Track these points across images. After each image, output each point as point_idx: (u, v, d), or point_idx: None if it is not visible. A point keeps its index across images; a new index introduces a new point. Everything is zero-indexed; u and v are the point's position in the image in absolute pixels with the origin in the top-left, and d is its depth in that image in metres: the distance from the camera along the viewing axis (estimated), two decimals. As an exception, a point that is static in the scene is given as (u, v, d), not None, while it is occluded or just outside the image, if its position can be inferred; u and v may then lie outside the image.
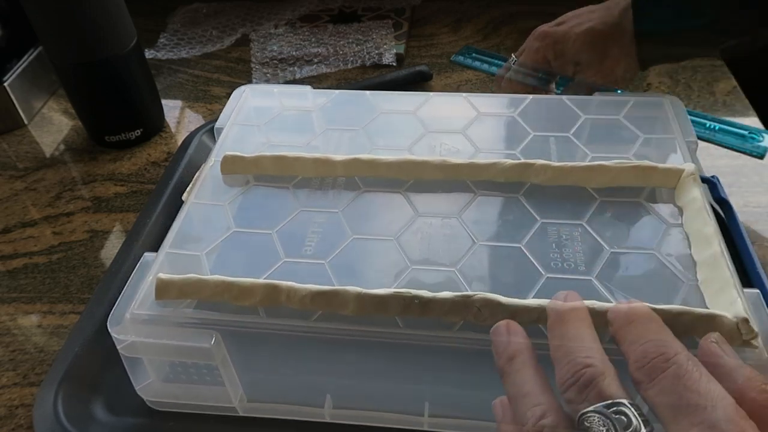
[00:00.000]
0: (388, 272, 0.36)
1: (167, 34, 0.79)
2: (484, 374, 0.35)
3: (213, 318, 0.34)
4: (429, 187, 0.41)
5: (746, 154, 0.56)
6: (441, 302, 0.32)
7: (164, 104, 0.65)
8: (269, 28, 0.79)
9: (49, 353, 0.44)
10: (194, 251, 0.38)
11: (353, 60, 0.72)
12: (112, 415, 0.38)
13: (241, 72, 0.72)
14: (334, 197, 0.41)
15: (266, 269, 0.36)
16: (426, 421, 0.36)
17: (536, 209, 0.39)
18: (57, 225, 0.54)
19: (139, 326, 0.34)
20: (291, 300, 0.33)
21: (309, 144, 0.46)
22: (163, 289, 0.35)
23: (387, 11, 0.81)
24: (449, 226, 0.39)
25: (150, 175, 0.58)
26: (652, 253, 0.36)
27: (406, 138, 0.45)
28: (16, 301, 0.48)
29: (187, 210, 0.41)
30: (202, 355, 0.34)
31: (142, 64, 0.60)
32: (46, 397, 0.39)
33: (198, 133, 0.58)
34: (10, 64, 0.65)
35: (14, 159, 0.62)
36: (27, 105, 0.67)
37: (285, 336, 0.34)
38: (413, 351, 0.33)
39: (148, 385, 0.37)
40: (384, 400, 0.37)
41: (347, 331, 0.33)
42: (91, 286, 0.48)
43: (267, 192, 0.42)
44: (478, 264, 0.36)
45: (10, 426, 0.39)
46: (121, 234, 0.53)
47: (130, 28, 0.58)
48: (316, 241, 0.38)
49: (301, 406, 0.37)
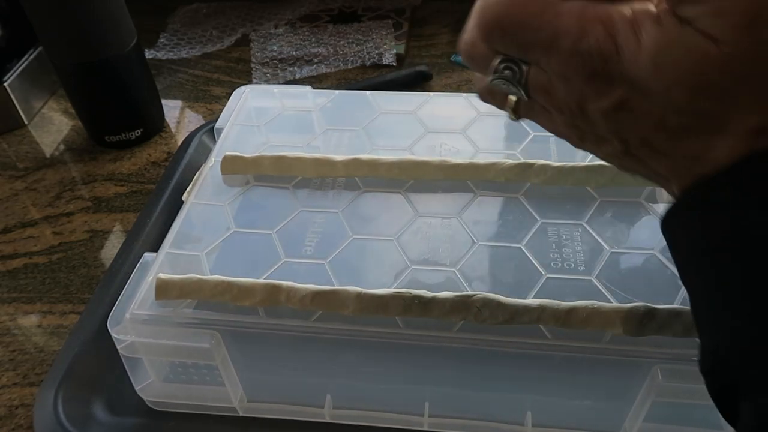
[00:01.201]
0: (388, 272, 0.36)
1: (167, 34, 0.79)
2: (484, 374, 0.35)
3: (213, 318, 0.34)
4: (429, 187, 0.41)
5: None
6: (441, 302, 0.32)
7: (164, 104, 0.65)
8: (269, 28, 0.79)
9: (49, 353, 0.44)
10: (194, 251, 0.38)
11: (353, 60, 0.72)
12: (112, 415, 0.38)
13: (241, 72, 0.72)
14: (334, 197, 0.41)
15: (266, 269, 0.36)
16: (426, 421, 0.36)
17: (536, 209, 0.39)
18: (57, 225, 0.54)
19: (139, 326, 0.34)
20: (291, 300, 0.33)
21: (309, 144, 0.46)
22: (163, 289, 0.35)
23: (387, 11, 0.81)
24: (449, 226, 0.39)
25: (150, 175, 0.58)
26: (652, 253, 0.36)
27: (406, 138, 0.45)
28: (16, 301, 0.48)
29: (187, 210, 0.41)
30: (202, 355, 0.34)
31: (142, 64, 0.60)
32: (46, 397, 0.39)
33: (198, 133, 0.58)
34: (10, 64, 0.65)
35: (14, 159, 0.62)
36: (27, 105, 0.67)
37: (285, 336, 0.34)
38: (413, 351, 0.34)
39: (148, 385, 0.37)
40: (384, 400, 0.37)
41: (347, 331, 0.33)
42: (91, 286, 0.48)
43: (267, 192, 0.42)
44: (478, 264, 0.36)
45: (10, 426, 0.40)
46: (121, 234, 0.53)
47: (130, 28, 0.58)
48: (316, 241, 0.38)
49: (301, 406, 0.37)
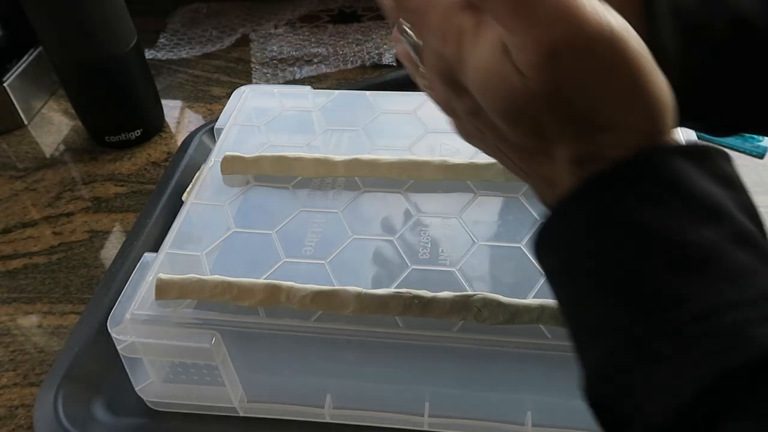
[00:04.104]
0: (388, 272, 0.36)
1: (167, 34, 0.79)
2: (484, 374, 0.35)
3: (213, 318, 0.34)
4: (429, 187, 0.41)
5: (746, 154, 0.56)
6: (441, 302, 0.32)
7: (164, 104, 0.65)
8: (269, 28, 0.79)
9: (49, 353, 0.44)
10: (194, 251, 0.38)
11: (353, 60, 0.72)
12: (112, 415, 0.38)
13: (241, 72, 0.72)
14: (334, 197, 0.41)
15: (266, 269, 0.36)
16: (426, 421, 0.36)
17: (536, 209, 0.39)
18: (57, 225, 0.54)
19: (139, 326, 0.34)
20: (291, 300, 0.33)
21: (309, 144, 0.46)
22: (163, 289, 0.35)
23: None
24: (449, 226, 0.39)
25: (150, 175, 0.58)
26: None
27: (407, 138, 0.45)
28: (16, 302, 0.48)
29: (187, 210, 0.41)
30: (202, 355, 0.34)
31: (142, 64, 0.60)
32: (46, 397, 0.39)
33: (198, 133, 0.58)
34: (10, 64, 0.65)
35: (14, 159, 0.62)
36: (27, 105, 0.67)
37: (285, 336, 0.34)
38: (413, 351, 0.34)
39: (149, 385, 0.37)
40: (384, 400, 0.37)
41: (347, 331, 0.33)
42: (91, 286, 0.48)
43: (267, 192, 0.42)
44: (478, 264, 0.36)
45: (10, 426, 0.39)
46: (121, 234, 0.53)
47: (130, 28, 0.58)
48: (316, 241, 0.38)
49: (301, 406, 0.37)
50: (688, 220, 0.20)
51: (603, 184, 0.21)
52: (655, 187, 0.20)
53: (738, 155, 0.56)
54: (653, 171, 0.21)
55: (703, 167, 0.21)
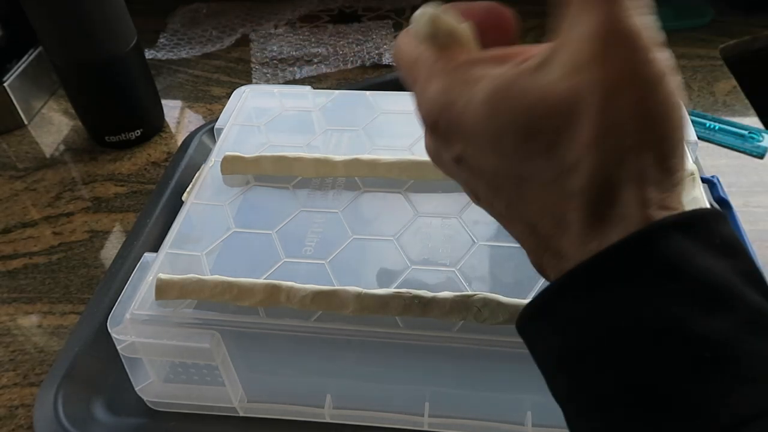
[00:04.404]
0: (388, 272, 0.36)
1: (167, 34, 0.79)
2: (484, 374, 0.35)
3: (213, 318, 0.34)
4: (429, 187, 0.41)
5: (746, 154, 0.56)
6: (441, 302, 0.32)
7: (164, 104, 0.65)
8: (269, 28, 0.79)
9: (49, 353, 0.44)
10: (194, 251, 0.38)
11: (353, 60, 0.72)
12: (112, 415, 0.38)
13: (241, 72, 0.72)
14: (334, 197, 0.41)
15: (266, 269, 0.36)
16: (426, 421, 0.36)
17: (536, 209, 0.39)
18: (57, 225, 0.54)
19: (139, 326, 0.34)
20: (291, 300, 0.33)
21: (309, 144, 0.46)
22: (163, 289, 0.35)
23: (387, 11, 0.81)
24: (449, 226, 0.39)
25: (150, 175, 0.58)
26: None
27: (407, 138, 0.45)
28: (16, 302, 0.48)
29: (187, 210, 0.41)
30: (202, 355, 0.34)
31: (142, 64, 0.60)
32: (46, 397, 0.39)
33: (198, 133, 0.58)
34: (10, 64, 0.65)
35: (14, 159, 0.62)
36: (27, 105, 0.67)
37: (285, 336, 0.34)
38: (413, 351, 0.34)
39: (149, 385, 0.37)
40: (384, 400, 0.37)
41: (347, 331, 0.33)
42: (91, 286, 0.48)
43: (267, 192, 0.42)
44: (478, 264, 0.36)
45: (10, 426, 0.40)
46: (121, 234, 0.53)
47: (130, 28, 0.58)
48: (316, 241, 0.38)
49: (301, 406, 0.37)
50: (698, 310, 0.19)
51: (605, 271, 0.20)
52: (655, 276, 0.19)
53: (738, 155, 0.56)
54: (648, 257, 0.19)
55: (702, 238, 0.20)
